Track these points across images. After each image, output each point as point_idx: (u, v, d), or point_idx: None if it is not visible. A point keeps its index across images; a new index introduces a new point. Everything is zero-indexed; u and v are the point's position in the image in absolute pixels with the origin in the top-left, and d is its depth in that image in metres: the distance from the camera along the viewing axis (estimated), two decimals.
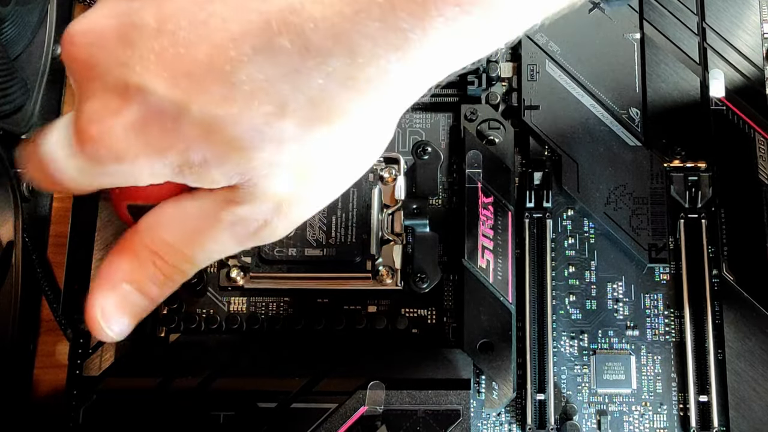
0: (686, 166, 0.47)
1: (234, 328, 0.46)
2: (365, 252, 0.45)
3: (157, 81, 0.26)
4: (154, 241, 0.30)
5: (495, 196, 0.46)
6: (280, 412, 0.42)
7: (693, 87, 0.48)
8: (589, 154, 0.47)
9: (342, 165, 0.29)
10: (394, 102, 0.28)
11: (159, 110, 0.26)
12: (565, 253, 0.47)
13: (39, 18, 0.48)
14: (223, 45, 0.25)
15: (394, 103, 0.28)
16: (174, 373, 0.43)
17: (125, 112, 0.27)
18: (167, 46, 0.26)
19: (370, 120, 0.28)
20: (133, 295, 0.31)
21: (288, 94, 0.26)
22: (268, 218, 0.29)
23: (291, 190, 0.28)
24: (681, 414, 0.45)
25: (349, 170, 0.30)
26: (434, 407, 0.42)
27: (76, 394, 0.45)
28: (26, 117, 0.47)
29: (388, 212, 0.46)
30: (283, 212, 0.29)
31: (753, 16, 0.49)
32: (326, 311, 0.46)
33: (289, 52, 0.25)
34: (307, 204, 0.30)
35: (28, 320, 0.48)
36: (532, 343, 0.45)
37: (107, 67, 0.27)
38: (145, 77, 0.26)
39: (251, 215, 0.29)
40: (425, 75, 0.27)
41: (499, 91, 0.49)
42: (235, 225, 0.29)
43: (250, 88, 0.25)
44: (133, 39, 0.26)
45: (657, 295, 0.46)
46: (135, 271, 0.30)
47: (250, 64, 0.25)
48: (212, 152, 0.27)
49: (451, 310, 0.47)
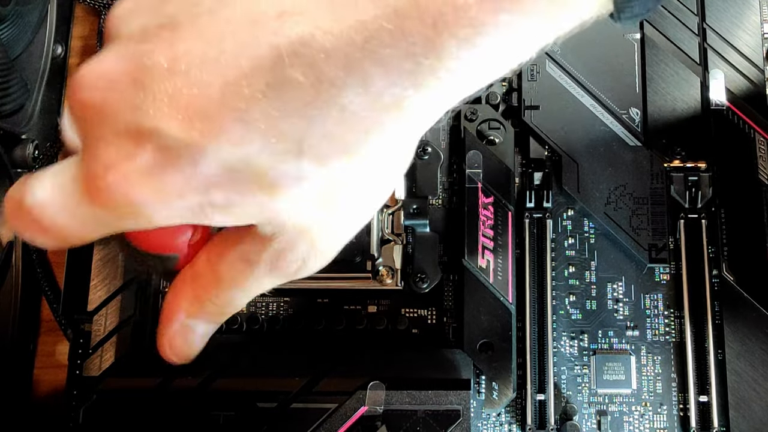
0: (686, 166, 0.47)
1: (234, 328, 0.46)
2: (365, 252, 0.45)
3: (172, 123, 0.25)
4: (207, 291, 0.31)
5: (495, 196, 0.46)
6: (280, 412, 0.42)
7: (693, 87, 0.48)
8: (589, 154, 0.47)
9: (364, 194, 0.29)
10: (412, 129, 0.28)
11: (175, 152, 0.26)
12: (565, 253, 0.47)
13: (39, 18, 0.48)
14: (236, 82, 0.25)
15: (411, 129, 0.28)
16: (174, 373, 0.43)
17: (140, 156, 0.26)
18: (180, 87, 0.25)
19: (389, 148, 0.27)
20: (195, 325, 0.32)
21: (304, 130, 0.25)
22: (304, 255, 0.29)
23: (316, 222, 0.28)
24: (681, 414, 0.45)
25: (371, 198, 0.29)
26: (434, 407, 0.42)
27: (76, 394, 0.45)
28: (26, 117, 0.47)
29: (388, 212, 0.46)
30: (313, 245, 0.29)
31: (753, 16, 0.49)
32: (326, 311, 0.46)
33: (302, 85, 0.25)
34: (335, 235, 0.29)
35: (28, 320, 0.48)
36: (532, 343, 0.45)
37: (119, 112, 0.26)
38: (158, 119, 0.25)
39: (287, 250, 0.28)
40: (441, 100, 0.27)
41: (499, 91, 0.49)
42: (275, 262, 0.29)
43: (265, 125, 0.25)
44: (145, 81, 0.26)
45: (657, 296, 0.46)
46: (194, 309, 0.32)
47: (265, 100, 0.25)
48: (234, 191, 0.26)
49: (451, 310, 0.47)
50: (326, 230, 0.29)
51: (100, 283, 0.46)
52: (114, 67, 0.26)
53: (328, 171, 0.26)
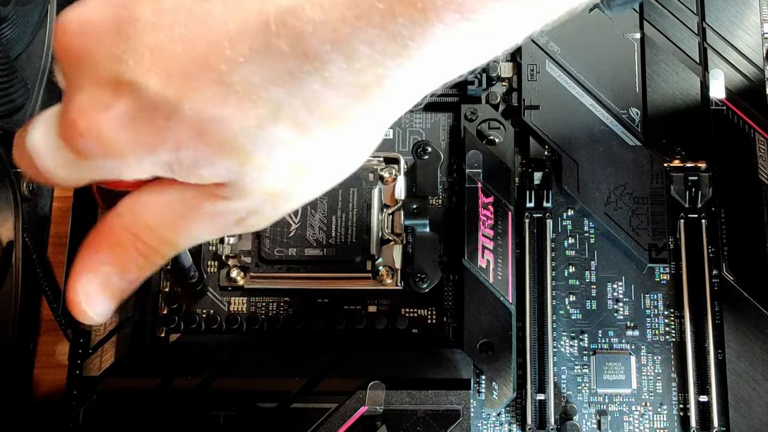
0: (686, 166, 0.47)
1: (234, 328, 0.46)
2: (365, 252, 0.45)
3: (151, 77, 0.25)
4: (135, 224, 0.29)
5: (495, 196, 0.46)
6: (280, 412, 0.42)
7: (693, 87, 0.48)
8: (589, 154, 0.47)
9: (333, 166, 0.29)
10: (391, 108, 0.28)
11: (151, 107, 0.26)
12: (565, 253, 0.47)
13: (39, 18, 0.48)
14: (219, 44, 0.25)
15: (390, 109, 0.28)
16: (174, 373, 0.43)
17: (115, 107, 0.26)
18: (163, 42, 0.25)
19: (365, 125, 0.28)
20: (114, 277, 0.30)
21: (283, 99, 0.25)
22: (251, 212, 0.29)
23: (279, 189, 0.28)
24: (681, 414, 0.45)
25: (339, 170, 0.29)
26: (434, 407, 0.42)
27: (76, 394, 0.45)
28: (26, 117, 0.47)
29: (388, 212, 0.46)
30: (266, 208, 0.29)
31: (753, 16, 0.49)
32: (326, 311, 0.46)
33: (286, 55, 0.25)
34: (293, 201, 0.30)
35: (28, 320, 0.48)
36: (532, 343, 0.45)
37: (100, 60, 0.26)
38: (138, 73, 0.26)
39: (233, 209, 0.28)
40: (423, 82, 0.27)
41: (499, 91, 0.49)
42: (216, 216, 0.29)
43: (244, 89, 0.25)
44: (129, 32, 0.26)
45: (657, 295, 0.46)
46: (115, 254, 0.30)
47: (246, 65, 0.25)
48: (203, 152, 0.26)
49: (451, 310, 0.47)
50: (286, 197, 0.29)
51: None
52: (98, 14, 0.27)
53: (302, 141, 0.26)
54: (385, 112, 0.28)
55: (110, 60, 0.26)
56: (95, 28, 0.27)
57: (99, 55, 0.26)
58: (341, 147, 0.28)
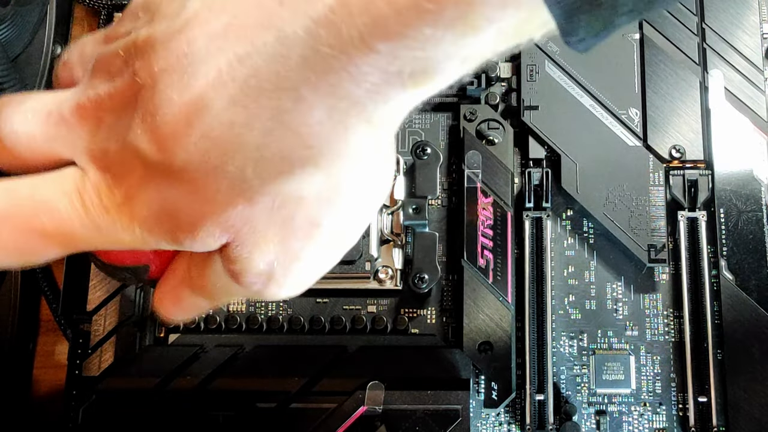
0: (686, 166, 0.47)
1: (234, 328, 0.46)
2: (365, 252, 0.45)
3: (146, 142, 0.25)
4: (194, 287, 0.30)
5: (494, 196, 0.46)
6: (280, 412, 0.42)
7: (692, 87, 0.48)
8: (588, 155, 0.47)
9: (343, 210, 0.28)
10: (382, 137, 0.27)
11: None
12: (564, 253, 0.47)
13: (39, 18, 0.48)
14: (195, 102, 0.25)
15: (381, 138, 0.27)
16: (174, 373, 0.43)
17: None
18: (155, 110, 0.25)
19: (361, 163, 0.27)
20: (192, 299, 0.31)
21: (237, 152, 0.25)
22: (265, 277, 0.29)
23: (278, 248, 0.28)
24: (680, 414, 0.45)
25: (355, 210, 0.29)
26: (434, 407, 0.42)
27: (76, 394, 0.45)
28: None
29: (388, 212, 0.46)
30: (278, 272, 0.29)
31: (752, 17, 0.49)
32: (326, 311, 0.46)
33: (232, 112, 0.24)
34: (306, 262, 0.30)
35: (27, 320, 0.48)
36: (531, 343, 0.45)
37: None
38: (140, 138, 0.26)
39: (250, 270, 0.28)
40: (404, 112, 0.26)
41: (498, 91, 0.49)
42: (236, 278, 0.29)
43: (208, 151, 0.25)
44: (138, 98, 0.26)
45: (656, 296, 0.46)
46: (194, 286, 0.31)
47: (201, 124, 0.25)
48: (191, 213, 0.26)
49: (450, 310, 0.47)
50: (293, 257, 0.28)
51: (99, 284, 0.46)
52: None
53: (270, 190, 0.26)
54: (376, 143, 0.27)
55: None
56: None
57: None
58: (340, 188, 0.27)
